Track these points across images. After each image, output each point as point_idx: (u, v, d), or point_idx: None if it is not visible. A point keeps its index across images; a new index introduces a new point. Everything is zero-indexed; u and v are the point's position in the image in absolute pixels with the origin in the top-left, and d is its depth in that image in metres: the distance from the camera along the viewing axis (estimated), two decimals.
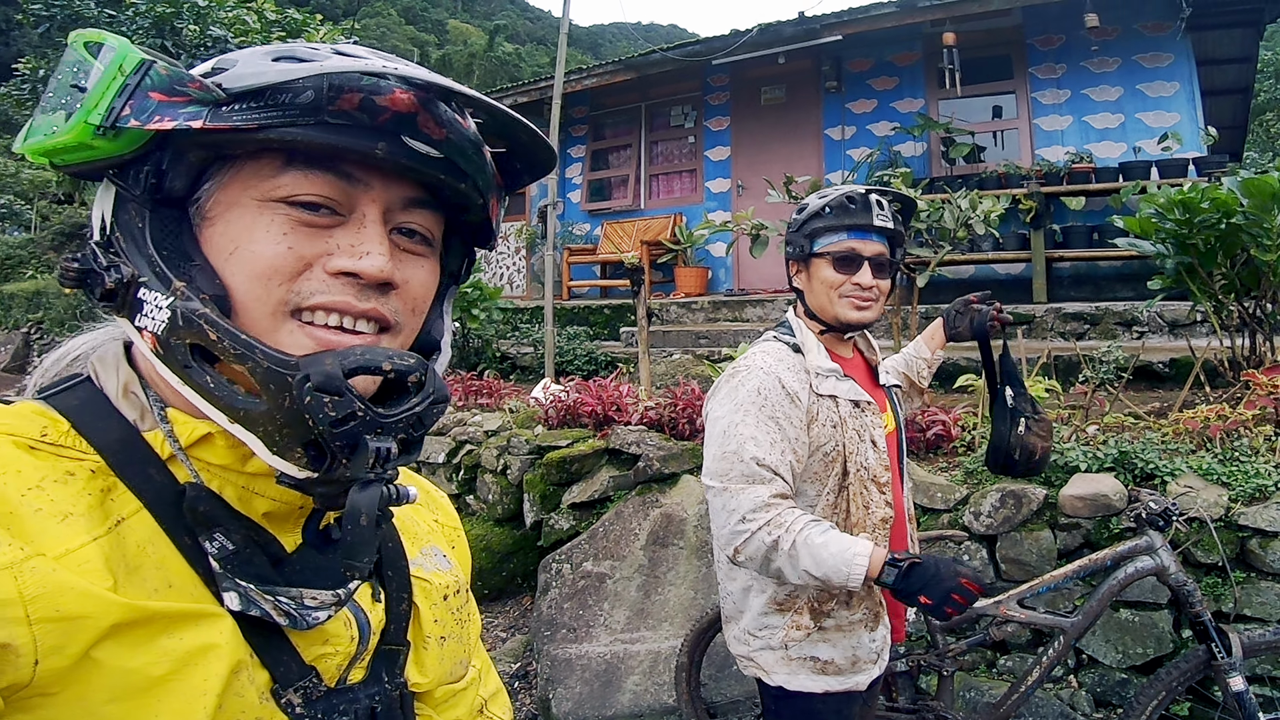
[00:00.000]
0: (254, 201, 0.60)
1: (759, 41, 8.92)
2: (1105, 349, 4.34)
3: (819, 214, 1.92)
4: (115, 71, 0.57)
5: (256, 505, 0.64)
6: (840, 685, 1.86)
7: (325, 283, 0.61)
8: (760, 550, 1.72)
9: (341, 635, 0.68)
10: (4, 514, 0.53)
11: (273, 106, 0.57)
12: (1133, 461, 3.33)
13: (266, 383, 0.57)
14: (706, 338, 7.47)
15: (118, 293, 0.60)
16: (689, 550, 3.85)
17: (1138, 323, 6.22)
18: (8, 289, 14.75)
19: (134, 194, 0.60)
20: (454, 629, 0.82)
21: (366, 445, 0.58)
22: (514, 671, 3.94)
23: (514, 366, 8.02)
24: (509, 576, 4.72)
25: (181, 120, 0.57)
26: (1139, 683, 2.94)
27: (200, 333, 0.57)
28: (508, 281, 11.65)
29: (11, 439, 0.58)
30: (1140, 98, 7.70)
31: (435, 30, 59.38)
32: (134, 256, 0.60)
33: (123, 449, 0.61)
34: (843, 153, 9.19)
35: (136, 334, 0.60)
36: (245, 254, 0.60)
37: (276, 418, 0.57)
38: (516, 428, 5.16)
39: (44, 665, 0.51)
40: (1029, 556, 3.22)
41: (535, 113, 10.84)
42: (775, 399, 1.80)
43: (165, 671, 0.55)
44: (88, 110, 0.56)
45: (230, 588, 0.59)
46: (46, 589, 0.51)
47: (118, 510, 0.58)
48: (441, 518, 0.91)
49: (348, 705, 0.67)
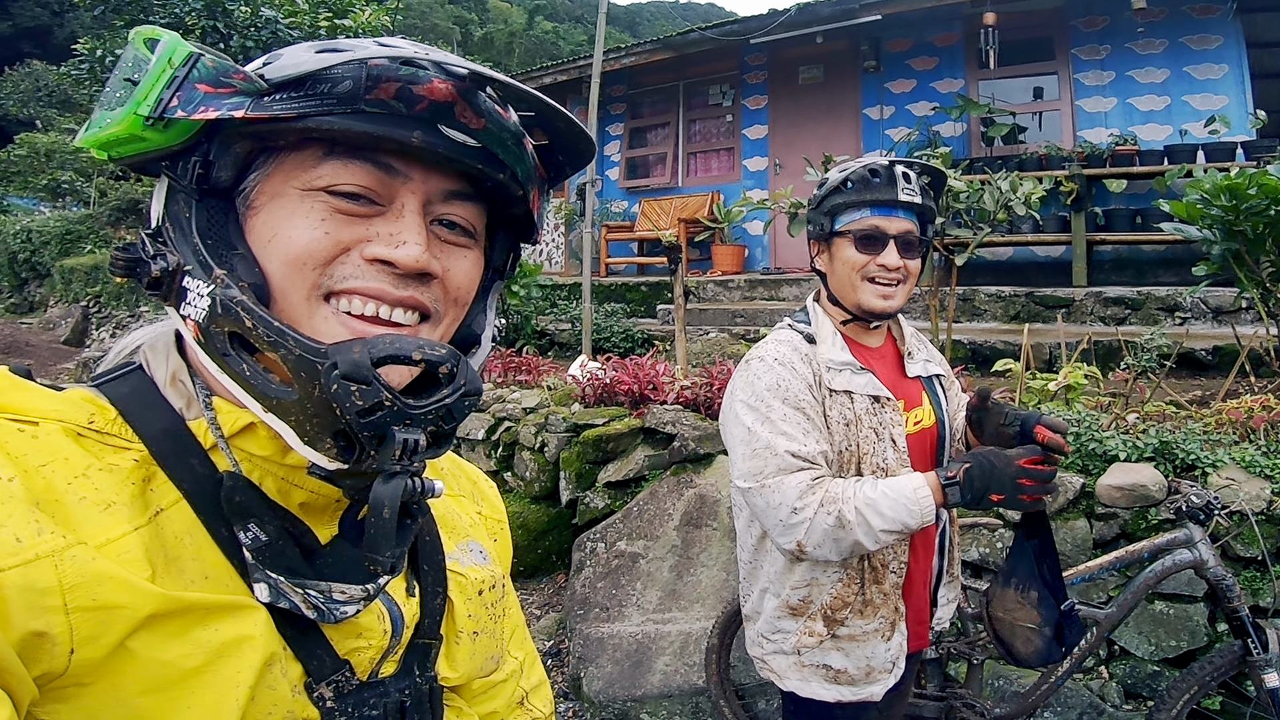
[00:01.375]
0: (296, 191, 0.61)
1: (797, 21, 8.84)
2: (1147, 335, 4.25)
3: (839, 188, 1.78)
4: (164, 64, 0.58)
5: (294, 496, 0.65)
6: (853, 695, 1.79)
7: (360, 268, 0.61)
8: (827, 533, 1.61)
9: (374, 629, 0.68)
10: (49, 501, 0.54)
11: (312, 96, 0.57)
12: (1173, 452, 3.26)
13: (298, 370, 0.56)
14: (743, 316, 7.47)
15: (164, 281, 0.61)
16: (722, 532, 3.88)
17: (1181, 308, 6.10)
18: (68, 263, 15.13)
19: (182, 184, 0.61)
20: (488, 624, 0.81)
21: (394, 436, 0.57)
22: (547, 649, 3.97)
23: (552, 343, 8.10)
24: (544, 554, 4.76)
25: (224, 110, 0.57)
26: (1171, 676, 2.91)
27: (237, 320, 0.57)
28: (546, 258, 11.71)
29: (60, 425, 0.58)
30: (1187, 80, 7.52)
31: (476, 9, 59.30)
32: (180, 246, 0.60)
33: (167, 438, 0.61)
34: (881, 132, 9.10)
35: (181, 322, 0.61)
36: (282, 239, 0.60)
37: (307, 406, 0.57)
38: (554, 405, 5.20)
39: (79, 655, 0.51)
40: (1064, 546, 3.18)
41: (574, 91, 10.85)
42: (795, 389, 1.71)
43: (199, 663, 0.56)
44: (137, 102, 0.58)
45: (260, 579, 0.60)
46: (85, 578, 0.51)
47: (157, 500, 0.59)
48: (486, 510, 0.91)
49: (378, 699, 0.67)
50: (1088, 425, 3.45)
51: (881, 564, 1.79)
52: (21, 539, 0.50)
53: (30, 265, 17.15)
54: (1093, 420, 3.50)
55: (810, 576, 1.79)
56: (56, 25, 40.27)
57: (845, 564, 1.77)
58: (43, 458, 0.55)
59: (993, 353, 5.39)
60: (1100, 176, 7.24)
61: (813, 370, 1.75)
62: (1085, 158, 7.44)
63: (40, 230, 17.21)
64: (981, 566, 3.30)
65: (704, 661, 3.13)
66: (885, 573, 1.79)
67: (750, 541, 1.91)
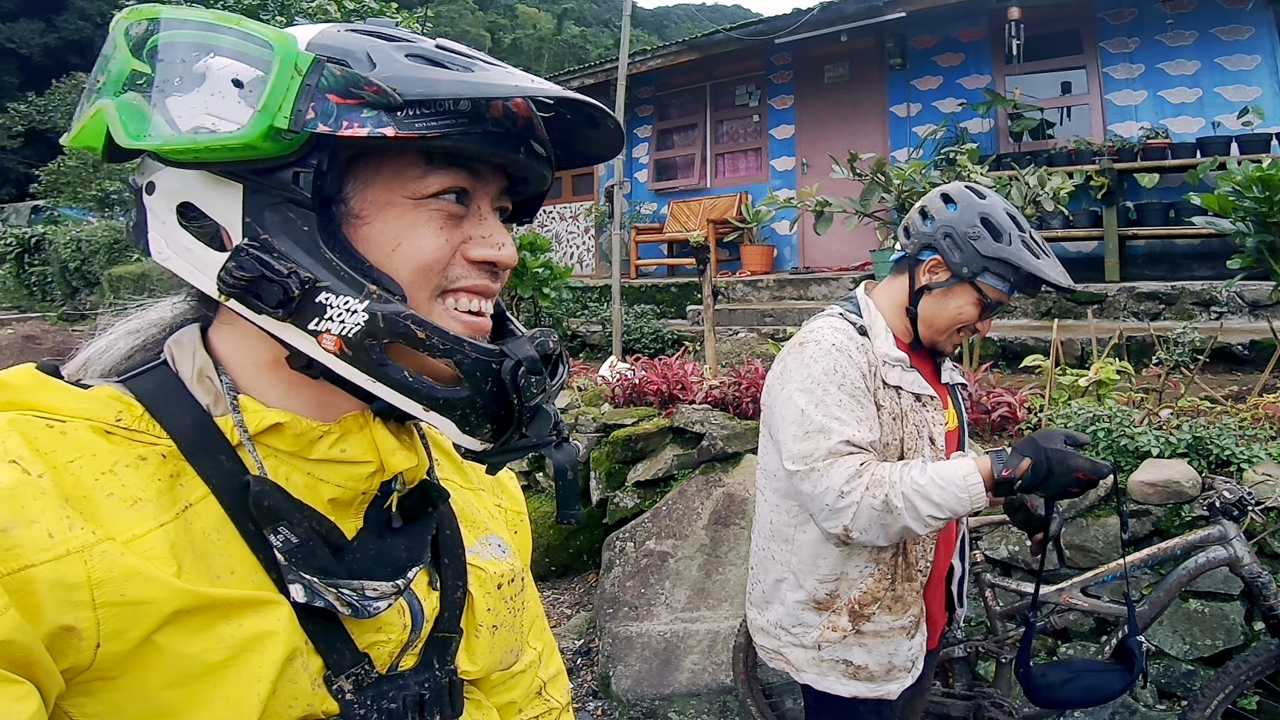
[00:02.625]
0: (408, 200, 0.63)
1: (821, 20, 8.82)
2: (1181, 329, 4.19)
3: (1009, 240, 1.73)
4: (291, 71, 0.56)
5: (323, 492, 0.65)
6: (870, 692, 1.78)
7: (466, 269, 0.66)
8: (873, 517, 1.59)
9: (394, 623, 0.69)
10: (78, 497, 0.54)
11: (446, 114, 0.58)
12: (1207, 447, 3.21)
13: (473, 371, 0.61)
14: (771, 316, 7.47)
15: (291, 300, 0.59)
16: (750, 530, 3.90)
17: (1216, 303, 5.99)
18: (116, 271, 15.45)
19: (291, 196, 0.59)
20: (507, 618, 0.82)
21: (546, 413, 0.65)
22: (577, 648, 4.01)
23: (583, 344, 8.16)
24: (575, 553, 4.80)
25: (370, 127, 0.57)
26: (1206, 675, 2.86)
27: (408, 333, 0.59)
28: (577, 260, 11.77)
29: (88, 423, 0.58)
30: (1219, 71, 7.39)
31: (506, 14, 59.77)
32: (302, 260, 0.59)
33: (194, 434, 0.62)
34: (908, 130, 9.05)
35: (308, 338, 0.60)
36: (410, 249, 0.63)
37: (476, 401, 0.61)
38: (584, 405, 5.25)
39: (105, 649, 0.52)
40: (1094, 543, 3.16)
41: (602, 94, 10.89)
42: (851, 376, 1.70)
43: (222, 658, 0.56)
44: (271, 113, 0.56)
45: (295, 580, 0.61)
46: (114, 574, 0.52)
47: (186, 496, 0.60)
48: (505, 502, 0.91)
49: (397, 692, 0.68)
50: (1119, 421, 3.42)
51: (914, 560, 1.79)
52: (54, 534, 0.51)
53: (80, 274, 17.56)
54: (1125, 416, 3.47)
55: (839, 570, 1.78)
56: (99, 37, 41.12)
57: (878, 559, 1.76)
58: (71, 454, 0.56)
59: (1022, 349, 5.34)
60: (1131, 170, 7.14)
61: (868, 360, 1.75)
62: (1116, 152, 7.35)
63: (89, 240, 17.59)
64: (1011, 565, 3.29)
65: (731, 660, 3.14)
66: (915, 570, 1.79)
67: (768, 528, 1.89)
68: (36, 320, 16.41)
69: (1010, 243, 1.72)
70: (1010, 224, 1.74)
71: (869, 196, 5.49)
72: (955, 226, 1.75)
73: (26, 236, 19.92)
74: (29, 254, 19.64)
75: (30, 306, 18.91)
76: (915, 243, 1.82)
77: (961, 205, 1.77)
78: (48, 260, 18.84)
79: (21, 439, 0.55)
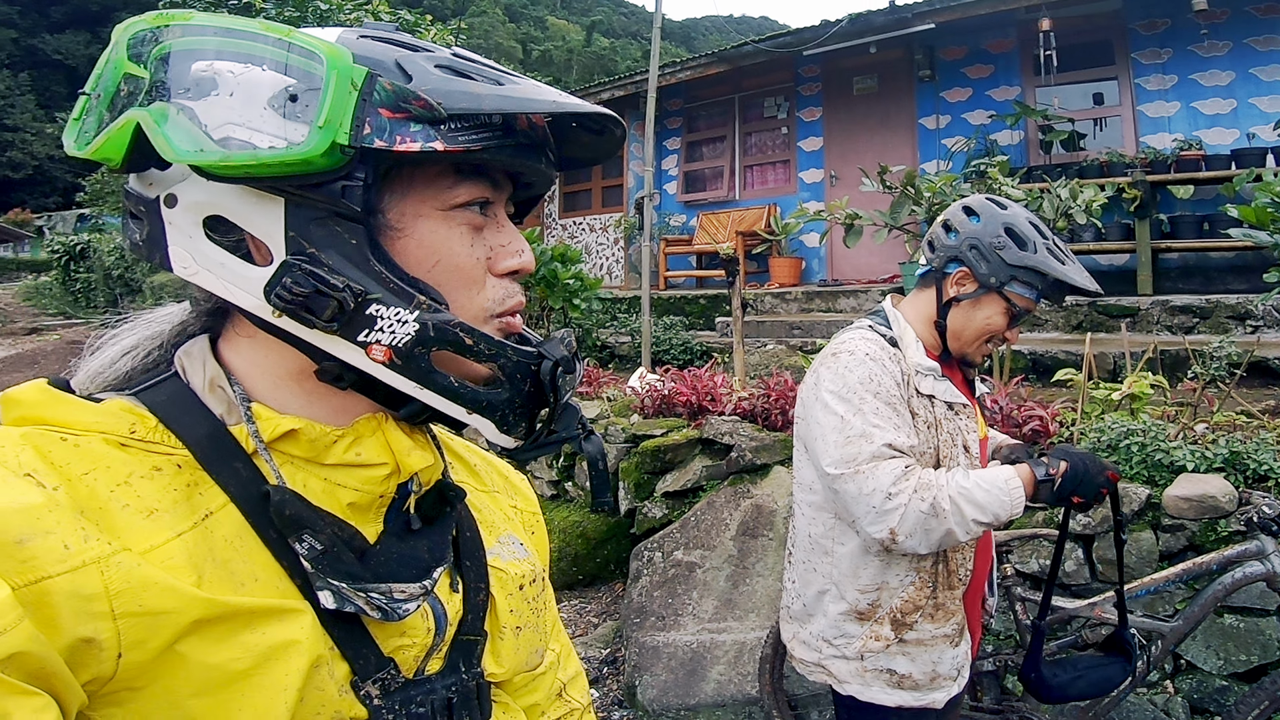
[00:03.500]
0: (438, 212, 0.64)
1: (850, 31, 8.84)
2: (1216, 344, 4.13)
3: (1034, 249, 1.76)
4: (349, 85, 0.56)
5: (341, 496, 0.65)
6: (915, 701, 1.77)
7: (504, 287, 0.68)
8: (920, 520, 1.61)
9: (418, 627, 0.68)
10: (93, 509, 0.54)
11: (484, 128, 0.60)
12: (1244, 462, 3.18)
13: (514, 373, 0.64)
14: (800, 328, 7.47)
15: (343, 314, 0.59)
16: (778, 542, 3.89)
17: (1252, 316, 5.91)
18: (159, 279, 15.79)
19: (337, 209, 0.59)
20: (530, 618, 0.82)
21: (574, 408, 0.69)
22: (603, 657, 4.02)
23: (612, 355, 8.21)
24: (603, 563, 4.81)
25: (421, 142, 0.57)
26: (1240, 691, 2.83)
27: (456, 340, 0.62)
28: (606, 272, 11.86)
29: (102, 436, 0.58)
30: (1254, 82, 7.31)
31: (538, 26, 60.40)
32: (352, 273, 0.59)
33: (210, 444, 0.62)
34: (937, 142, 9.04)
35: (355, 350, 0.61)
36: (449, 266, 0.64)
37: (515, 402, 0.64)
38: (614, 416, 5.28)
39: (127, 659, 0.52)
40: (1128, 558, 3.13)
41: (631, 106, 11.01)
42: (886, 384, 1.72)
43: (247, 666, 0.56)
44: (333, 129, 0.55)
45: (323, 587, 0.60)
46: (131, 584, 0.52)
47: (204, 505, 0.59)
48: (520, 503, 0.91)
49: (425, 696, 0.67)
50: (1154, 435, 3.39)
51: (955, 568, 1.80)
52: (70, 546, 0.51)
53: (124, 281, 17.97)
54: (1159, 430, 3.43)
55: (880, 580, 1.78)
56: None
57: (919, 567, 1.77)
58: (85, 466, 0.56)
59: (1054, 363, 5.29)
60: (1165, 182, 7.08)
61: (901, 370, 1.78)
62: (1149, 164, 7.30)
63: None
64: (1041, 579, 3.26)
65: (758, 671, 3.14)
66: (957, 578, 1.81)
67: (806, 541, 1.90)
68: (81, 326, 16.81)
69: (1036, 250, 1.75)
70: (1034, 232, 1.77)
71: (899, 209, 5.48)
72: (980, 238, 1.78)
73: (72, 244, 20.41)
74: (74, 262, 20.14)
75: (75, 313, 19.38)
76: (941, 256, 1.84)
77: (984, 217, 1.80)
78: (92, 268, 19.31)
79: (35, 452, 0.55)
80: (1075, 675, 2.08)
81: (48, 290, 21.79)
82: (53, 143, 36.85)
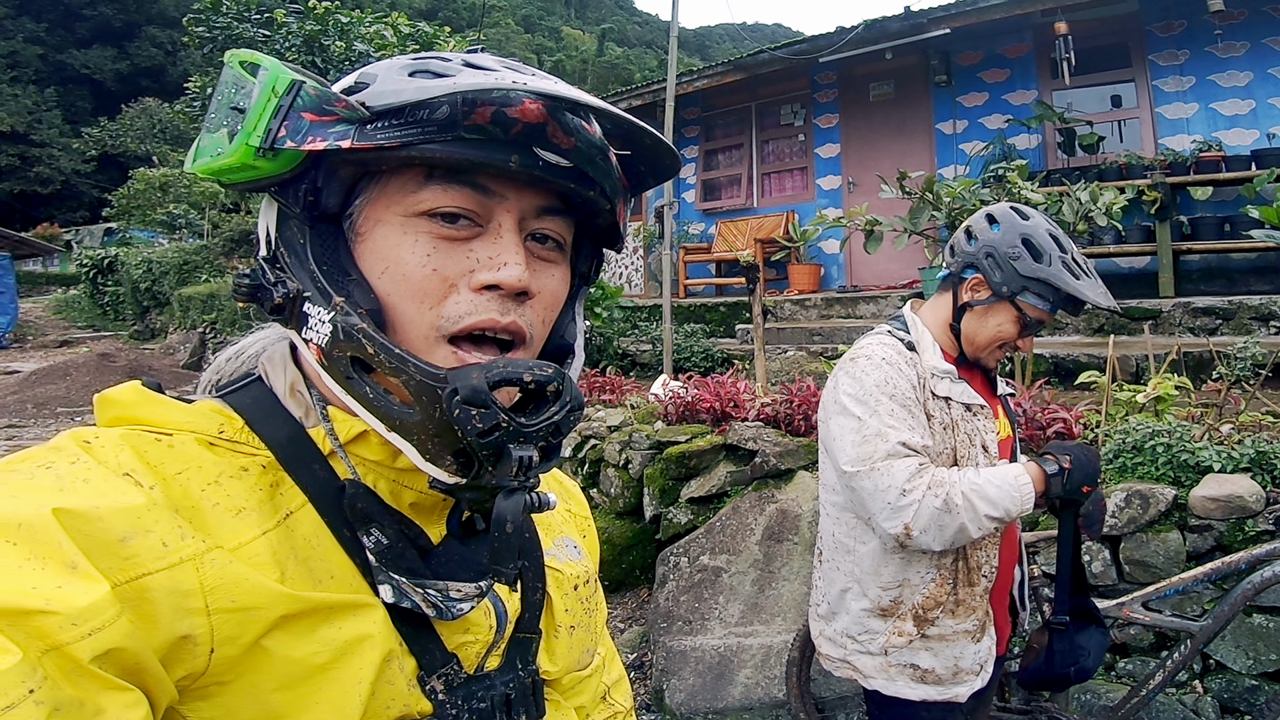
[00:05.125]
0: (398, 218, 0.62)
1: (865, 38, 8.88)
2: (1240, 344, 4.12)
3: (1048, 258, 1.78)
4: (269, 93, 0.59)
5: (405, 497, 0.67)
6: (939, 695, 1.82)
7: (473, 302, 0.62)
8: (934, 516, 1.66)
9: (481, 624, 0.70)
10: (187, 508, 0.56)
11: (413, 124, 0.58)
12: (1271, 462, 3.17)
13: (419, 394, 0.58)
14: (820, 334, 7.49)
15: (285, 306, 0.63)
16: (803, 546, 3.90)
17: (1275, 317, 5.89)
18: (185, 292, 15.93)
19: (294, 211, 0.62)
20: (583, 618, 0.83)
21: (510, 454, 0.59)
22: (630, 662, 4.04)
23: (634, 364, 8.26)
24: (629, 568, 4.83)
25: (331, 140, 0.58)
26: (1271, 690, 2.82)
27: (359, 346, 0.59)
28: (626, 280, 11.92)
29: (194, 436, 0.61)
30: (1272, 82, 7.29)
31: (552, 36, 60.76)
32: (298, 272, 0.62)
33: (290, 445, 0.64)
34: (955, 147, 9.06)
35: (304, 345, 0.63)
36: (396, 275, 0.62)
37: (429, 427, 0.59)
38: (637, 423, 5.31)
39: (219, 654, 0.54)
40: (1155, 559, 3.13)
41: (648, 115, 11.07)
42: (902, 387, 1.78)
43: (326, 660, 0.58)
44: (248, 133, 0.58)
45: (384, 580, 0.62)
46: (224, 580, 0.54)
47: (286, 504, 0.62)
48: (574, 507, 0.93)
49: (485, 692, 0.69)
50: (1179, 436, 3.39)
51: (975, 565, 1.84)
52: (167, 543, 0.53)
53: (151, 294, 18.18)
54: (1184, 431, 3.44)
55: (902, 577, 1.83)
56: (170, 64, 43.02)
57: (939, 564, 1.81)
58: (179, 466, 0.58)
59: (1076, 366, 5.29)
60: (1184, 184, 7.07)
61: (917, 373, 1.83)
62: (1168, 166, 7.28)
63: (159, 261, 18.19)
64: None
65: (785, 674, 3.16)
66: (978, 575, 1.84)
67: (830, 540, 1.96)
68: (110, 339, 17.08)
69: (1050, 263, 1.76)
70: (1051, 245, 1.78)
71: (919, 214, 5.50)
72: (997, 246, 1.81)
73: (100, 258, 20.67)
74: (102, 275, 20.40)
75: (104, 325, 19.65)
76: (959, 261, 1.88)
77: (1004, 226, 1.83)
78: (120, 281, 19.56)
79: (133, 452, 0.57)
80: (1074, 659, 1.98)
81: (77, 303, 22.12)
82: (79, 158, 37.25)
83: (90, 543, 0.50)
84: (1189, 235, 7.14)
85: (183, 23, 11.96)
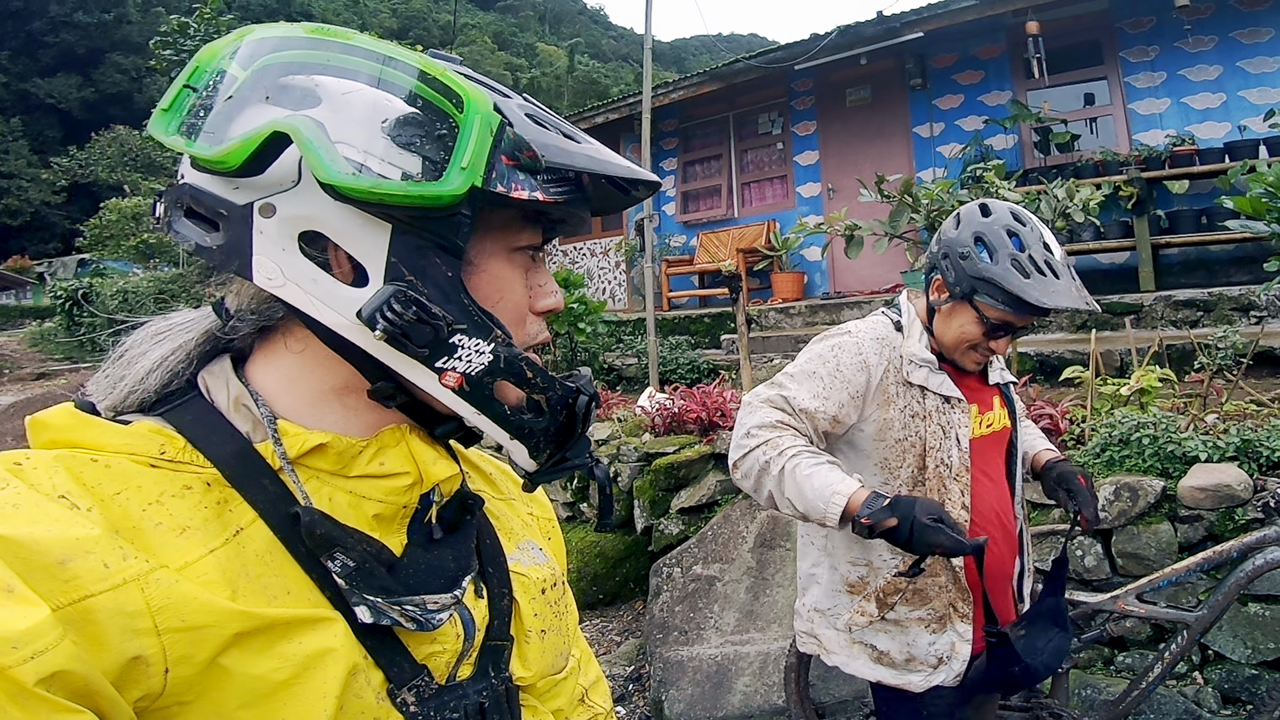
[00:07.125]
0: (504, 252, 0.69)
1: (840, 44, 8.94)
2: (1221, 334, 4.17)
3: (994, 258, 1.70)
4: (487, 132, 0.60)
5: (366, 509, 0.66)
6: (894, 679, 1.82)
7: (537, 323, 0.73)
8: (754, 469, 1.73)
9: (448, 633, 0.70)
10: (128, 528, 0.55)
11: (566, 182, 0.64)
12: (1257, 450, 3.20)
13: (558, 404, 0.69)
14: (805, 342, 7.48)
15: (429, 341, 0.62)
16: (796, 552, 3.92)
17: (1255, 307, 5.95)
18: None
19: (447, 243, 0.62)
20: (553, 621, 0.84)
21: (586, 438, 0.74)
22: (628, 674, 4.02)
23: (619, 378, 8.25)
24: (622, 581, 4.84)
25: (528, 191, 0.62)
26: (1270, 679, 2.84)
27: (519, 373, 0.66)
28: (609, 295, 11.90)
29: (132, 458, 0.59)
30: (1241, 75, 7.38)
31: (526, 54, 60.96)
32: (445, 304, 0.62)
33: (237, 462, 0.63)
34: (933, 149, 9.12)
35: (429, 375, 0.63)
36: (509, 302, 0.69)
37: (550, 430, 0.70)
38: (625, 436, 5.32)
39: (175, 674, 0.53)
40: (1147, 550, 3.15)
41: (626, 129, 11.12)
42: (846, 361, 1.79)
43: (288, 676, 0.58)
44: (475, 173, 0.59)
45: (359, 603, 0.62)
46: (172, 600, 0.53)
47: (235, 521, 0.61)
48: (536, 510, 0.93)
49: (458, 701, 0.69)
50: (1165, 427, 3.41)
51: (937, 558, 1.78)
52: (109, 565, 0.52)
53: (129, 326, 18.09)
54: (1170, 423, 3.46)
55: (866, 557, 1.86)
56: (136, 90, 42.67)
57: (897, 552, 1.78)
58: (117, 486, 0.57)
59: (1060, 362, 5.32)
60: (1160, 179, 7.14)
61: (889, 359, 1.82)
62: (1143, 161, 7.36)
63: (135, 291, 18.08)
64: None
65: (783, 680, 3.15)
66: (940, 565, 1.81)
67: None
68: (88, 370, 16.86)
69: (998, 262, 1.69)
70: (1005, 241, 1.70)
71: (898, 217, 5.53)
72: (952, 246, 1.76)
73: (74, 289, 20.48)
74: (77, 306, 20.19)
75: (81, 357, 19.40)
76: (927, 262, 1.88)
77: (963, 223, 1.78)
78: (95, 311, 19.36)
79: (68, 474, 0.56)
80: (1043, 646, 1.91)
81: (52, 336, 21.83)
82: (49, 188, 36.80)
83: (26, 566, 0.50)
84: (1167, 229, 7.21)
85: (149, 46, 11.84)
